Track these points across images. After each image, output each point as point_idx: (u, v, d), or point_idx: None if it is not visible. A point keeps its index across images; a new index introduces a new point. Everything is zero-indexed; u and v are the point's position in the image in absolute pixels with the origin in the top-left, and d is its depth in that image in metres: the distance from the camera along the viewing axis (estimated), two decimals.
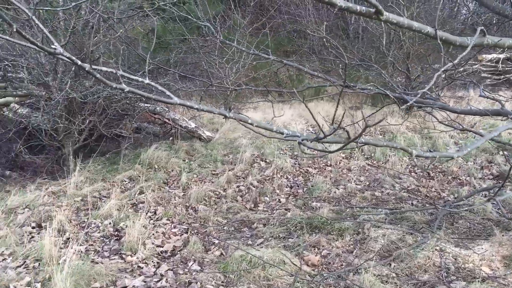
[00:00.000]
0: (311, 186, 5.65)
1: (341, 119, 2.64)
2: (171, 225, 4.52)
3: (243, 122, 2.24)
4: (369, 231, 4.15)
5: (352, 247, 3.98)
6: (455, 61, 2.38)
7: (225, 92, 8.11)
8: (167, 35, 10.97)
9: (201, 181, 5.83)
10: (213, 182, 5.76)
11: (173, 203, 5.07)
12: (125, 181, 5.75)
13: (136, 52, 4.40)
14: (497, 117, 3.93)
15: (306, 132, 8.11)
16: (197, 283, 3.33)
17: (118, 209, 4.72)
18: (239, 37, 6.63)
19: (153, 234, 4.24)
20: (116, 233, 4.30)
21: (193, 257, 3.85)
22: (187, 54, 8.21)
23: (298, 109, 9.80)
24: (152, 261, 3.77)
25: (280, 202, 5.22)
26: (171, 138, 7.44)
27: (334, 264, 3.67)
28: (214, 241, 4.23)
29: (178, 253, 3.98)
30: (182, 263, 3.77)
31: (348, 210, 4.80)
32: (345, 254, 3.82)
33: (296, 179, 5.99)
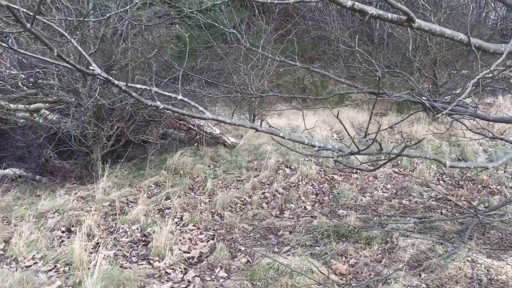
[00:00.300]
0: (337, 194, 5.60)
1: (377, 132, 2.60)
2: (197, 231, 4.54)
3: (275, 136, 2.23)
4: (397, 240, 4.08)
5: (381, 256, 3.92)
6: (492, 67, 2.32)
7: (249, 98, 8.12)
8: (192, 42, 11.10)
9: (226, 187, 5.84)
10: (238, 189, 5.76)
11: (199, 209, 5.10)
12: (152, 186, 5.81)
13: (165, 60, 4.46)
14: None
15: (331, 139, 8.06)
16: None
17: (145, 215, 4.76)
18: (264, 43, 6.64)
19: (180, 240, 4.26)
20: (144, 238, 4.34)
21: (219, 264, 3.85)
22: (212, 61, 8.26)
23: (322, 115, 9.76)
24: (179, 267, 3.79)
25: (306, 209, 5.19)
26: (196, 144, 7.49)
27: (363, 274, 3.61)
28: (240, 248, 4.23)
29: (205, 259, 3.98)
30: (209, 270, 3.78)
31: (375, 219, 4.73)
32: (373, 264, 3.76)
33: (321, 186, 5.95)
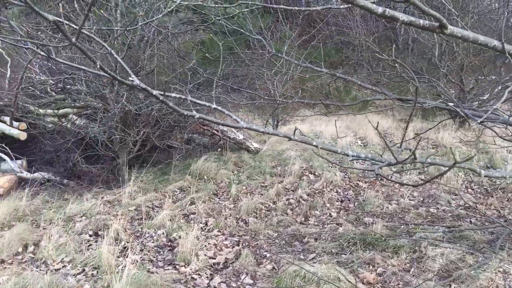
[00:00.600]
0: (362, 201, 5.54)
1: (417, 143, 2.52)
2: (222, 237, 4.55)
3: (308, 143, 2.21)
4: (426, 249, 4.00)
5: (409, 265, 3.85)
6: None
7: (273, 104, 8.12)
8: (215, 47, 11.16)
9: (250, 193, 5.84)
10: (262, 194, 5.76)
11: (223, 215, 5.10)
12: (176, 191, 5.85)
13: (191, 66, 4.49)
14: None
15: (355, 146, 7.99)
16: None
17: (170, 220, 4.79)
18: (288, 49, 6.64)
19: (205, 246, 4.27)
20: (169, 243, 4.36)
21: (245, 270, 3.84)
22: (236, 67, 8.30)
23: (345, 121, 9.69)
24: (205, 272, 3.80)
25: (331, 216, 5.15)
26: (220, 149, 7.51)
27: (391, 283, 3.55)
28: (265, 254, 4.22)
29: (230, 265, 3.98)
30: (234, 276, 3.78)
31: (402, 227, 4.66)
32: (402, 273, 3.70)
33: (346, 193, 5.89)
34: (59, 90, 6.95)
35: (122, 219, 4.71)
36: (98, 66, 1.68)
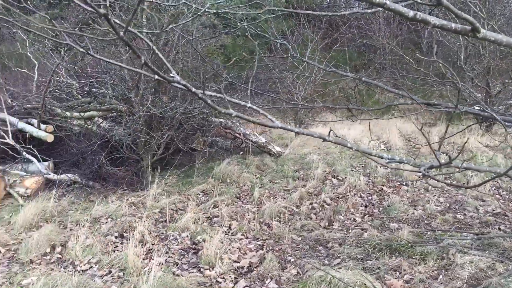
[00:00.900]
0: (387, 206, 5.46)
1: (463, 146, 2.46)
2: (246, 241, 4.54)
3: (342, 145, 2.20)
4: (454, 256, 3.92)
5: (437, 273, 3.77)
6: None
7: (296, 108, 8.11)
8: (237, 51, 11.21)
9: (273, 196, 5.83)
10: (285, 198, 5.74)
11: (247, 218, 5.10)
12: (199, 194, 5.88)
13: (214, 69, 4.53)
14: None
15: (378, 150, 7.90)
16: None
17: (194, 222, 4.81)
18: (310, 52, 6.63)
19: (229, 249, 4.27)
20: (194, 246, 4.38)
21: (269, 275, 3.82)
22: (259, 71, 8.31)
23: (368, 124, 9.59)
24: (230, 276, 3.79)
25: (355, 221, 5.09)
26: (242, 152, 7.53)
27: None
28: (289, 259, 4.19)
29: (255, 269, 3.97)
30: (259, 280, 3.76)
31: (429, 233, 4.58)
32: (429, 280, 3.63)
33: (370, 197, 5.82)
34: (85, 93, 7.07)
35: (147, 221, 4.75)
36: (142, 61, 1.70)
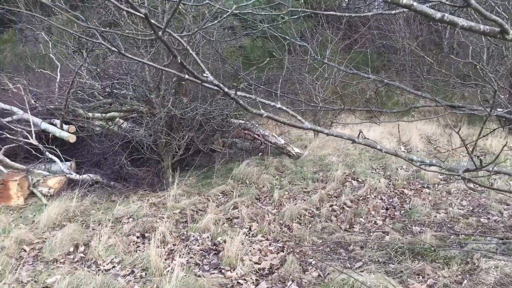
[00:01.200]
0: (408, 209, 5.40)
1: (500, 152, 2.42)
2: (266, 242, 4.53)
3: (372, 147, 2.18)
4: (479, 261, 3.85)
5: (461, 278, 3.71)
6: None
7: (314, 109, 8.07)
8: (255, 52, 11.21)
9: (292, 198, 5.81)
10: (305, 200, 5.71)
11: (266, 220, 5.09)
12: (219, 195, 5.90)
13: (235, 70, 4.54)
14: None
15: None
16: None
17: (214, 223, 4.83)
18: (330, 53, 6.59)
19: (250, 251, 4.27)
20: (214, 247, 4.39)
21: (291, 277, 3.81)
22: (279, 72, 8.31)
23: (388, 126, 9.51)
24: (251, 278, 3.79)
25: (377, 224, 5.04)
26: (261, 153, 7.53)
27: None
28: (310, 261, 4.17)
29: (276, 271, 3.96)
30: (280, 282, 3.75)
31: (452, 237, 4.51)
32: (454, 285, 3.57)
33: (391, 200, 5.76)
34: (106, 94, 7.16)
35: (168, 222, 4.79)
36: (179, 61, 1.72)
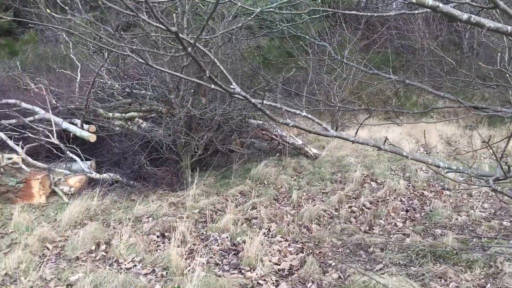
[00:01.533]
0: (429, 211, 5.34)
1: None
2: (285, 243, 4.53)
3: (398, 154, 2.16)
4: (502, 265, 3.79)
5: (484, 281, 3.66)
6: None
7: (332, 110, 8.04)
8: (272, 52, 11.20)
9: (311, 199, 5.79)
10: (323, 201, 5.69)
11: (285, 221, 5.09)
12: (237, 195, 5.90)
13: (255, 70, 4.55)
14: None
15: (418, 153, 7.73)
16: None
17: (233, 224, 4.84)
18: (348, 53, 6.55)
19: (269, 251, 4.27)
20: (234, 247, 4.40)
21: (311, 278, 3.80)
22: (297, 72, 8.29)
23: (406, 127, 9.41)
24: (271, 278, 3.79)
25: (397, 226, 5.00)
26: (278, 154, 7.52)
27: None
28: (330, 262, 4.15)
29: (295, 272, 3.96)
30: (300, 283, 3.75)
31: (474, 240, 4.44)
32: None
33: (411, 202, 5.71)
34: (125, 94, 7.23)
35: (187, 222, 4.81)
36: (207, 75, 1.72)
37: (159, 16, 1.48)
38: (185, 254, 4.11)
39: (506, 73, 4.05)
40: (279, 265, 4.07)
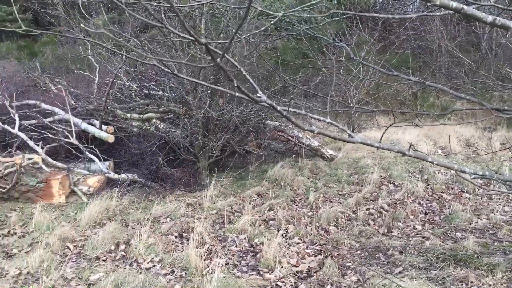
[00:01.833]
0: (448, 214, 5.28)
1: None
2: (303, 245, 4.52)
3: (423, 159, 2.14)
4: None
5: (506, 286, 3.60)
6: None
7: (349, 110, 8.00)
8: (288, 53, 11.19)
9: (328, 201, 5.77)
10: (340, 203, 5.67)
11: (303, 222, 5.08)
12: (254, 197, 5.91)
13: (278, 74, 4.56)
14: None
15: (436, 155, 7.66)
16: None
17: (251, 225, 4.84)
18: (365, 54, 6.51)
19: (287, 253, 4.27)
20: (252, 248, 4.41)
21: (329, 281, 3.79)
22: (313, 73, 8.27)
23: (423, 129, 9.31)
24: (289, 280, 3.79)
25: (415, 229, 4.96)
26: (294, 155, 7.51)
27: None
28: (348, 265, 4.14)
29: (314, 274, 3.95)
30: (319, 286, 3.73)
31: (496, 244, 4.38)
32: None
33: (429, 204, 5.65)
34: (143, 95, 7.30)
35: (205, 223, 4.83)
36: (235, 85, 1.74)
37: (189, 28, 1.50)
38: (204, 255, 4.13)
39: None
40: (298, 267, 4.06)
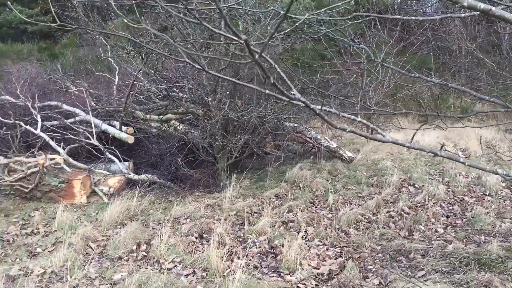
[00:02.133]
0: (471, 217, 5.21)
1: None
2: (324, 247, 4.50)
3: (455, 160, 2.12)
4: None
5: None
6: None
7: (368, 112, 7.94)
8: (306, 55, 11.17)
9: (347, 203, 5.74)
10: (360, 205, 5.63)
11: (322, 224, 5.06)
12: (273, 198, 5.91)
13: (294, 74, 4.56)
14: None
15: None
16: None
17: (270, 227, 4.84)
18: (384, 56, 6.45)
19: (308, 255, 4.25)
20: (272, 250, 4.40)
21: (351, 284, 3.76)
22: (332, 75, 8.24)
23: (443, 131, 9.19)
24: (310, 283, 3.78)
25: (437, 232, 4.90)
26: (312, 157, 7.49)
27: None
28: (370, 268, 4.10)
29: (335, 277, 3.93)
30: None
31: None
32: None
33: (451, 207, 5.58)
34: (162, 97, 7.35)
35: (225, 224, 4.84)
36: (272, 81, 1.74)
37: (231, 26, 1.51)
38: (224, 256, 4.13)
39: None
40: (318, 269, 4.04)
